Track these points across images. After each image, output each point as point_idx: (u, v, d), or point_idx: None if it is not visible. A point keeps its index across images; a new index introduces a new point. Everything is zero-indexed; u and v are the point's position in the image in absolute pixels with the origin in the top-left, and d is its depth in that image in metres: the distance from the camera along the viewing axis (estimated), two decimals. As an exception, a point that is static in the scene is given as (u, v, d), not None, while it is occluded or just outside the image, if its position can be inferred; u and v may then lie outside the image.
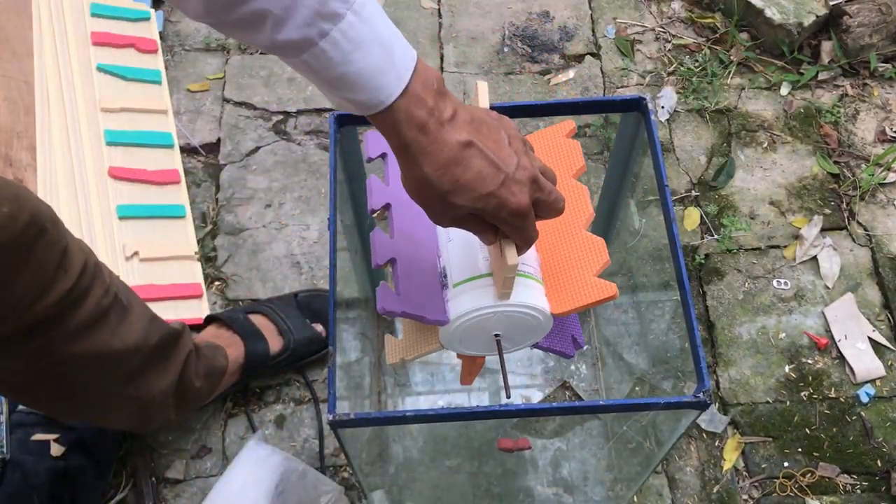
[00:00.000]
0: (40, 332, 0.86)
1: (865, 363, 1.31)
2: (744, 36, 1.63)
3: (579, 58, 1.63)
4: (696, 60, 1.62)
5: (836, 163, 1.51)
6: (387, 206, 0.81)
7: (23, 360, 0.88)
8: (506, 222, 0.63)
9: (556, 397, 1.30)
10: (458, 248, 0.76)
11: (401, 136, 0.58)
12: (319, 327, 1.28)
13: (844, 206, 1.46)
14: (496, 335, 0.76)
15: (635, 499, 1.22)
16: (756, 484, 1.24)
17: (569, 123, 0.85)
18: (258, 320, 1.25)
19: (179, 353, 1.06)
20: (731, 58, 1.61)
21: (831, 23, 1.59)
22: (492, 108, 0.93)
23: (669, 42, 1.65)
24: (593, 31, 1.66)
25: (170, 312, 1.31)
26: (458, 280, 0.74)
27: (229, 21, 0.53)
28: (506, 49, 1.64)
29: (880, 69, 1.59)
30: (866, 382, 1.30)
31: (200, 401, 1.16)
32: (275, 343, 1.24)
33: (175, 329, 1.05)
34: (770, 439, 1.27)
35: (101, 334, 0.92)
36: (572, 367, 1.31)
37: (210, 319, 1.26)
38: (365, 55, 0.54)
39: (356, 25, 0.53)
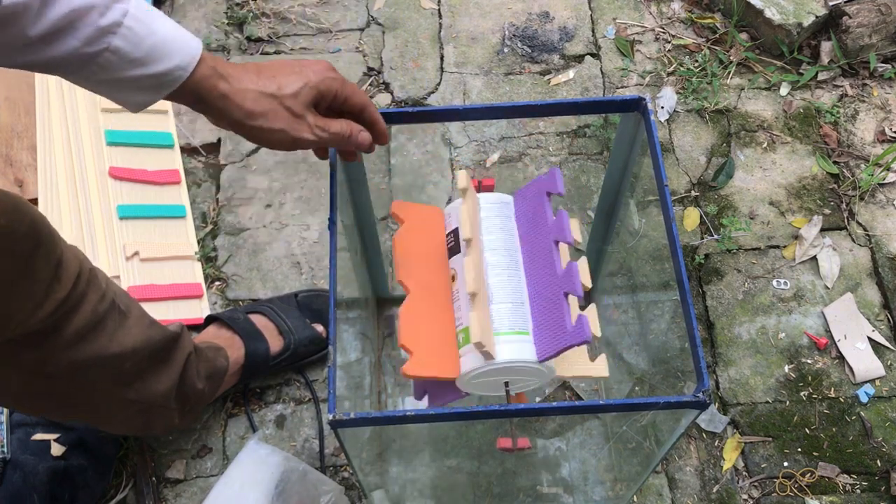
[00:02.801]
0: (36, 343, 0.86)
1: (865, 363, 1.31)
2: (743, 36, 1.63)
3: (579, 58, 1.63)
4: (696, 61, 1.62)
5: (835, 163, 1.51)
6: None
7: (20, 370, 0.88)
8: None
9: (556, 397, 1.30)
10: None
11: (204, 97, 0.71)
12: (320, 327, 1.28)
13: (844, 206, 1.47)
14: (505, 382, 0.87)
15: (635, 499, 1.22)
16: (756, 484, 1.24)
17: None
18: (258, 321, 1.25)
19: (179, 355, 1.06)
20: (731, 58, 1.61)
21: (831, 23, 1.59)
22: (491, 108, 0.93)
23: (669, 42, 1.65)
24: (593, 31, 1.66)
25: (170, 312, 1.31)
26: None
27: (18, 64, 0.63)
28: (506, 49, 1.64)
29: (880, 69, 1.60)
30: (866, 382, 1.30)
31: (203, 402, 1.16)
32: (275, 343, 1.24)
33: (174, 332, 1.05)
34: (770, 439, 1.27)
35: (99, 340, 0.92)
36: (572, 367, 1.31)
37: (210, 319, 1.27)
38: (163, 24, 0.66)
39: (141, 16, 0.65)
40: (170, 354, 1.04)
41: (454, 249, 0.92)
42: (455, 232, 0.93)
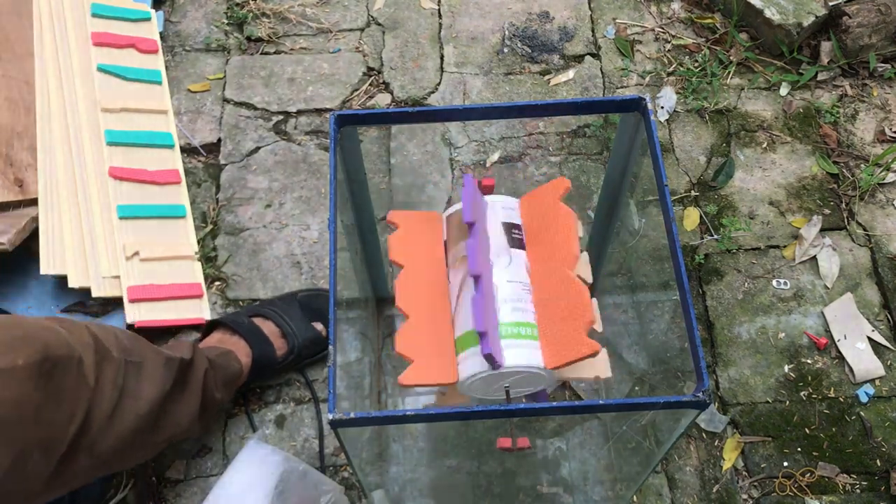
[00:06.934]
0: (79, 447, 0.90)
1: (865, 363, 1.31)
2: (743, 36, 1.63)
3: (579, 58, 1.63)
4: (696, 61, 1.62)
5: (835, 163, 1.51)
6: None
7: (63, 464, 0.90)
8: None
9: (556, 397, 1.30)
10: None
11: None
12: (319, 326, 1.29)
13: (844, 206, 1.47)
14: (506, 386, 0.86)
15: (635, 499, 1.22)
16: (756, 483, 1.24)
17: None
18: (262, 324, 1.25)
19: (196, 376, 1.08)
20: (731, 58, 1.61)
21: (831, 23, 1.59)
22: (491, 108, 0.93)
23: (669, 42, 1.65)
24: (593, 31, 1.66)
25: (170, 312, 1.31)
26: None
27: None
28: (506, 49, 1.64)
29: (879, 69, 1.60)
30: (865, 382, 1.31)
31: (220, 408, 1.19)
32: (280, 346, 1.25)
33: (186, 358, 1.06)
34: (769, 439, 1.27)
35: (127, 407, 0.95)
36: (572, 367, 1.31)
37: (214, 324, 1.26)
38: None
39: None
40: (188, 379, 1.06)
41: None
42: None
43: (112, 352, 0.95)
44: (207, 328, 1.27)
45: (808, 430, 1.27)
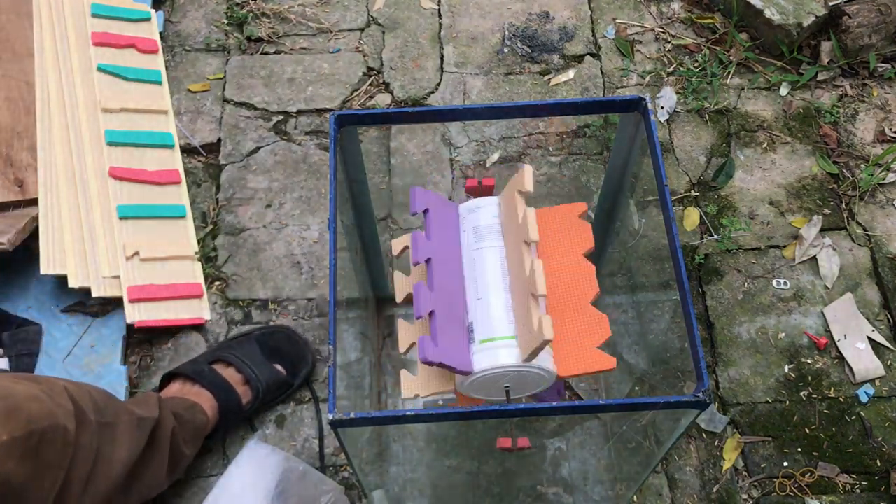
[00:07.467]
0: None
1: (865, 363, 1.31)
2: (743, 36, 1.63)
3: (579, 58, 1.63)
4: (696, 61, 1.62)
5: (835, 163, 1.51)
6: (427, 261, 0.89)
7: None
8: None
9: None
10: (484, 307, 0.86)
11: None
12: (279, 367, 1.26)
13: (844, 206, 1.47)
14: (506, 387, 0.86)
15: (635, 499, 1.22)
16: (756, 483, 1.24)
17: (581, 205, 0.96)
18: (225, 371, 1.22)
19: (164, 435, 1.07)
20: (731, 58, 1.61)
21: (831, 23, 1.59)
22: (491, 108, 0.93)
23: (669, 42, 1.65)
24: (593, 31, 1.66)
25: (170, 312, 1.31)
26: (483, 337, 0.85)
27: None
28: (506, 49, 1.64)
29: (879, 69, 1.60)
30: (866, 382, 1.31)
31: (188, 462, 1.16)
32: (244, 393, 1.22)
33: (153, 417, 1.05)
34: (769, 439, 1.27)
35: (101, 471, 0.94)
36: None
37: (172, 376, 1.22)
38: None
39: None
40: (155, 440, 1.05)
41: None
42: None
43: (88, 415, 0.94)
44: (163, 381, 1.23)
45: (808, 430, 1.27)
